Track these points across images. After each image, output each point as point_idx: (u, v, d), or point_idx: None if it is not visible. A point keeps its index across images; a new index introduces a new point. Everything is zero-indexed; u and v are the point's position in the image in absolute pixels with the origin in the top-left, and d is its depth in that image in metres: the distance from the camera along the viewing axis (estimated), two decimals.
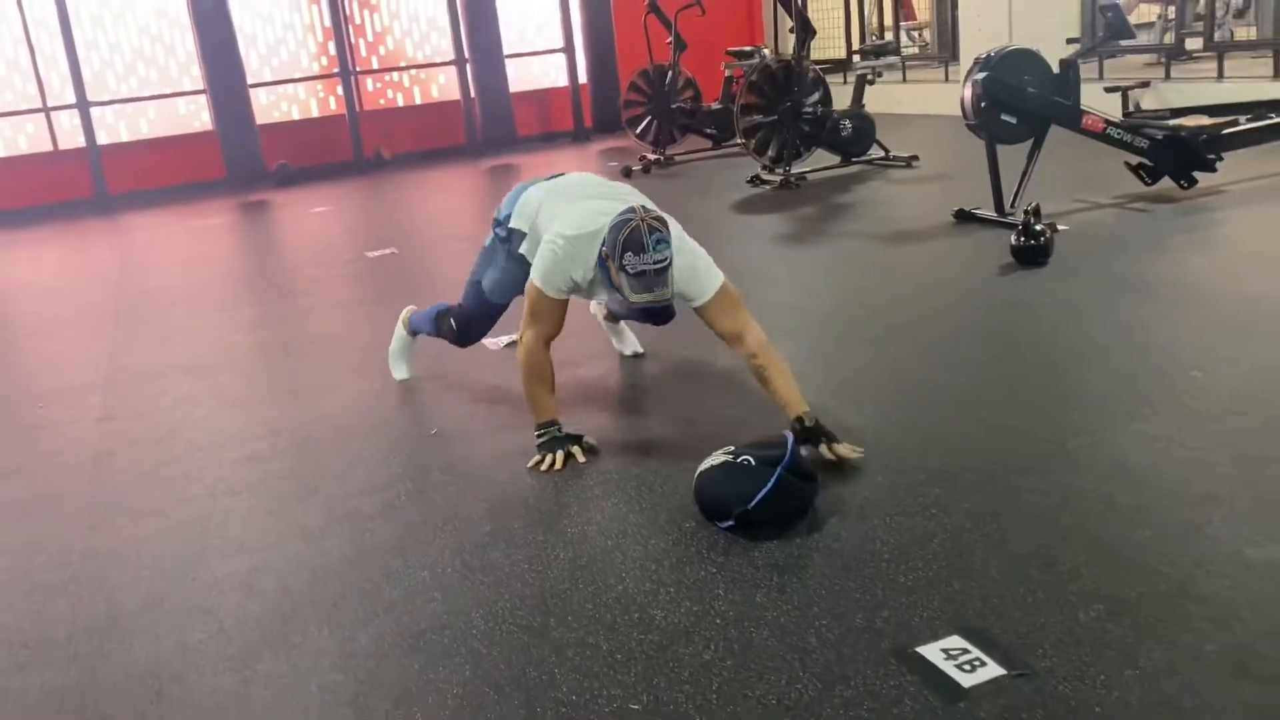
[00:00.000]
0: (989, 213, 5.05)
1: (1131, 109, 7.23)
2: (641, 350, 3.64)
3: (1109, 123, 5.03)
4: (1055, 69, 4.98)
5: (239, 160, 9.79)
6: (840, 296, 4.32)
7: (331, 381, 3.82)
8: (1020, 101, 4.86)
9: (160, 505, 2.82)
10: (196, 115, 10.40)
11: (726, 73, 8.63)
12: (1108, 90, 7.33)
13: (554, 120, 11.87)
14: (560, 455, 2.72)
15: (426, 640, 2.01)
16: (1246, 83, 7.23)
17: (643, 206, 2.62)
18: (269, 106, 10.72)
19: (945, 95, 8.76)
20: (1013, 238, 4.28)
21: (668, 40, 8.71)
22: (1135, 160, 5.21)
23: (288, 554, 2.45)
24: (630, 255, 2.50)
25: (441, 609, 2.11)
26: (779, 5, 7.31)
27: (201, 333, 4.73)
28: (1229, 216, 4.81)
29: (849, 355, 3.46)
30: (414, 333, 3.56)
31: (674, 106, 8.86)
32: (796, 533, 2.27)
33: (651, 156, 8.68)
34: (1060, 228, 4.76)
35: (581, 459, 2.73)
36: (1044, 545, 2.10)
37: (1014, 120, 4.91)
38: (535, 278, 2.74)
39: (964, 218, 5.16)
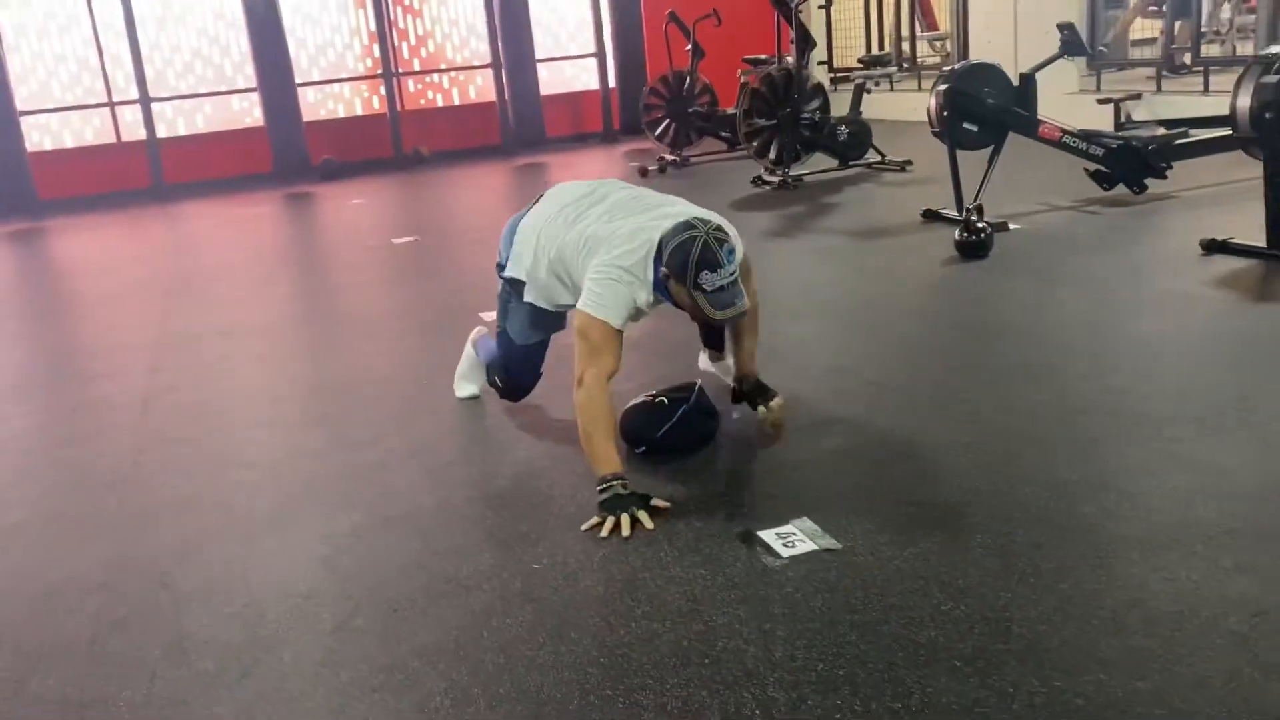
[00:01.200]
0: (952, 212, 5.51)
1: (1124, 119, 7.63)
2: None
3: (1065, 131, 5.47)
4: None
5: (286, 155, 10.48)
6: (798, 281, 4.82)
7: (345, 344, 4.42)
8: (980, 111, 5.33)
9: (194, 434, 3.42)
10: (248, 112, 11.12)
11: (742, 79, 9.13)
12: (1100, 102, 7.73)
13: (585, 122, 12.45)
14: (626, 519, 2.37)
15: (392, 525, 2.57)
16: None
17: (697, 218, 2.57)
18: (316, 105, 11.41)
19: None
20: (956, 234, 4.76)
21: (687, 48, 9.25)
22: (1093, 167, 5.66)
23: (292, 468, 3.03)
24: (707, 274, 2.43)
25: (407, 505, 2.67)
26: (782, 17, 7.75)
27: (239, 304, 5.35)
28: (1168, 220, 5.23)
29: (788, 328, 3.96)
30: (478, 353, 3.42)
31: (691, 111, 9.39)
32: (697, 457, 2.80)
33: (669, 157, 9.21)
34: (1013, 226, 5.24)
35: (649, 525, 2.37)
36: (881, 470, 2.61)
37: (975, 128, 5.37)
38: (598, 311, 2.53)
39: (931, 217, 5.64)
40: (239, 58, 11.05)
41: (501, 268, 2.99)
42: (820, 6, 10.47)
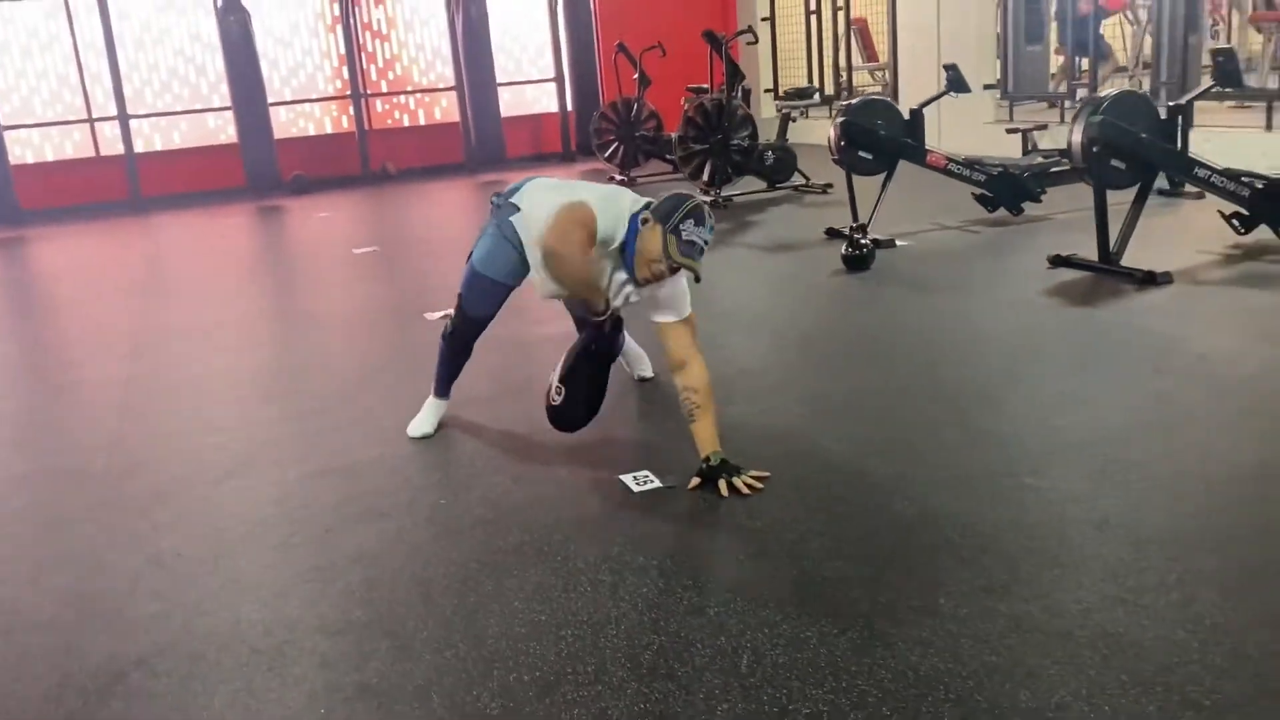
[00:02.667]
0: (866, 239, 6.19)
1: (1030, 147, 8.37)
2: (651, 374, 3.78)
3: (950, 159, 6.18)
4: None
5: (258, 170, 11.06)
6: (708, 286, 5.47)
7: (303, 337, 5.04)
8: (873, 141, 6.02)
9: (169, 407, 4.03)
10: (223, 129, 11.69)
11: (685, 106, 9.83)
12: (1009, 131, 8.47)
13: (545, 143, 13.11)
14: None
15: (332, 474, 3.19)
16: None
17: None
18: (287, 123, 12.00)
19: None
20: (842, 249, 5.44)
21: (635, 76, 9.94)
22: (978, 191, 6.37)
23: (251, 433, 3.64)
24: (691, 224, 2.75)
25: (346, 460, 3.29)
26: (716, 52, 8.45)
27: (210, 304, 5.96)
28: (1034, 238, 5.90)
29: None
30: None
31: (638, 135, 10.07)
32: (595, 422, 3.44)
33: (618, 178, 9.88)
34: (901, 243, 5.94)
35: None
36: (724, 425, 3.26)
37: (870, 156, 6.06)
38: (578, 205, 2.87)
39: (832, 234, 6.32)
40: (214, 77, 11.62)
41: (504, 194, 3.21)
42: (764, 20, 11.19)
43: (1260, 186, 5.01)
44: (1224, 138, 7.58)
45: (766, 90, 12.63)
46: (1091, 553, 2.33)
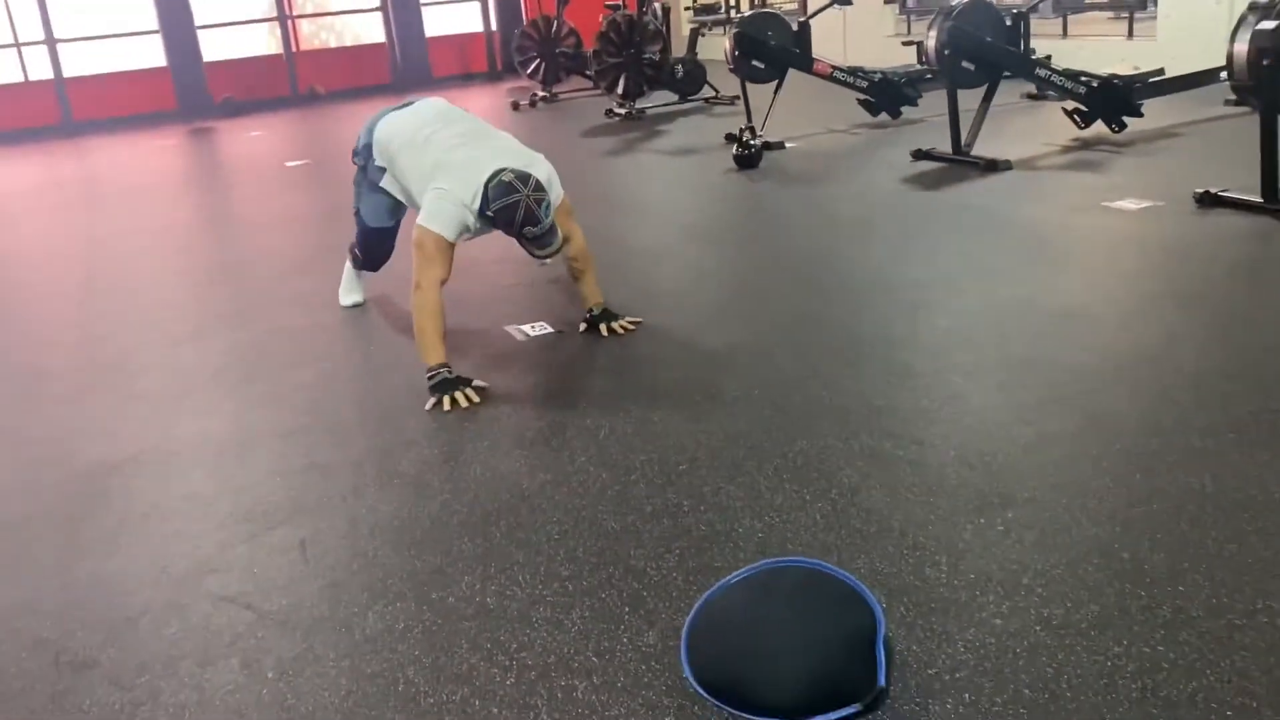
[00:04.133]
0: (755, 141, 6.79)
1: (923, 59, 8.98)
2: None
3: (835, 68, 6.78)
4: None
5: (189, 93, 11.33)
6: (604, 185, 6.06)
7: (242, 236, 5.55)
8: (764, 52, 6.59)
9: (129, 289, 4.55)
10: (152, 52, 11.88)
11: (601, 23, 10.27)
12: (904, 44, 9.06)
13: (471, 62, 13.46)
14: (460, 396, 2.90)
15: (274, 335, 3.76)
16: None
17: (516, 176, 2.89)
18: (216, 47, 12.21)
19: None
20: (734, 149, 6.05)
21: None
22: (862, 97, 6.99)
23: (203, 308, 4.19)
24: (530, 228, 2.88)
25: (283, 324, 3.86)
26: None
27: (152, 213, 6.41)
28: (907, 138, 6.54)
29: (603, 219, 5.20)
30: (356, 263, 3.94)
31: (558, 52, 10.50)
32: (491, 284, 4.04)
33: (539, 94, 10.34)
34: (789, 145, 6.56)
35: (476, 400, 2.91)
36: (616, 289, 3.88)
37: (761, 65, 6.64)
38: (434, 225, 2.97)
39: (731, 140, 6.89)
40: (141, 1, 11.77)
41: (358, 152, 3.47)
42: None
43: (1095, 85, 5.69)
44: (1094, 45, 8.28)
45: (687, 8, 13.07)
46: (884, 354, 3.01)
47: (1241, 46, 3.93)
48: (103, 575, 2.19)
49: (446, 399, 2.90)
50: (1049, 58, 6.70)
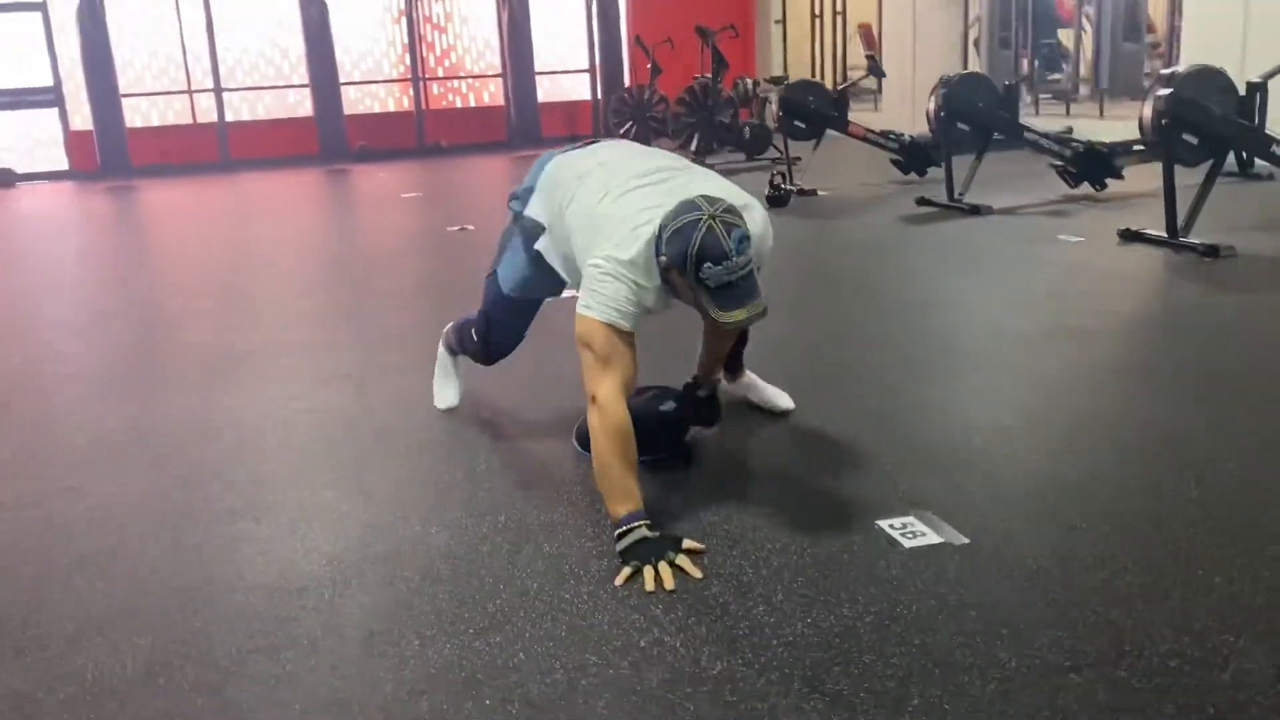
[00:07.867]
0: (788, 185, 7.87)
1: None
2: (792, 405, 2.99)
3: (868, 130, 7.81)
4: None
5: (329, 140, 12.99)
6: None
7: (357, 238, 6.86)
8: (805, 113, 7.67)
9: (265, 271, 5.84)
10: (301, 104, 13.65)
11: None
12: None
13: (579, 125, 14.90)
14: (664, 569, 2.00)
15: (391, 297, 4.95)
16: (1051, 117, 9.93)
17: (704, 197, 2.12)
18: (355, 101, 13.93)
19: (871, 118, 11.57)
20: (766, 190, 7.12)
21: (648, 65, 11.66)
22: (893, 157, 8.00)
23: (316, 298, 5.43)
24: (710, 266, 2.03)
25: (395, 285, 5.05)
26: (704, 44, 10.14)
27: (288, 224, 7.81)
28: (924, 190, 7.53)
29: None
30: (453, 351, 3.11)
31: (649, 116, 11.79)
32: None
33: None
34: (822, 193, 7.59)
35: (694, 574, 2.01)
36: None
37: (803, 125, 7.72)
38: (599, 314, 2.16)
39: (773, 187, 7.99)
40: (295, 59, 13.59)
41: (517, 196, 2.63)
42: (777, 22, 12.98)
43: (1081, 150, 6.60)
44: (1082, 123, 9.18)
45: (779, 77, 14.34)
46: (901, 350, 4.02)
47: (1148, 110, 4.84)
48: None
49: (648, 572, 2.00)
50: (1070, 130, 7.66)
